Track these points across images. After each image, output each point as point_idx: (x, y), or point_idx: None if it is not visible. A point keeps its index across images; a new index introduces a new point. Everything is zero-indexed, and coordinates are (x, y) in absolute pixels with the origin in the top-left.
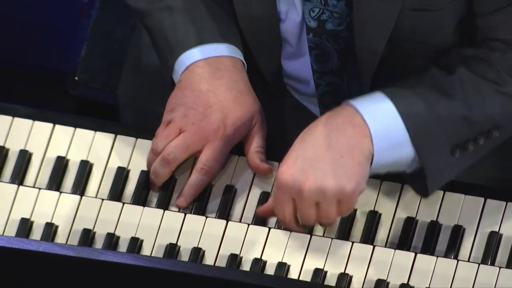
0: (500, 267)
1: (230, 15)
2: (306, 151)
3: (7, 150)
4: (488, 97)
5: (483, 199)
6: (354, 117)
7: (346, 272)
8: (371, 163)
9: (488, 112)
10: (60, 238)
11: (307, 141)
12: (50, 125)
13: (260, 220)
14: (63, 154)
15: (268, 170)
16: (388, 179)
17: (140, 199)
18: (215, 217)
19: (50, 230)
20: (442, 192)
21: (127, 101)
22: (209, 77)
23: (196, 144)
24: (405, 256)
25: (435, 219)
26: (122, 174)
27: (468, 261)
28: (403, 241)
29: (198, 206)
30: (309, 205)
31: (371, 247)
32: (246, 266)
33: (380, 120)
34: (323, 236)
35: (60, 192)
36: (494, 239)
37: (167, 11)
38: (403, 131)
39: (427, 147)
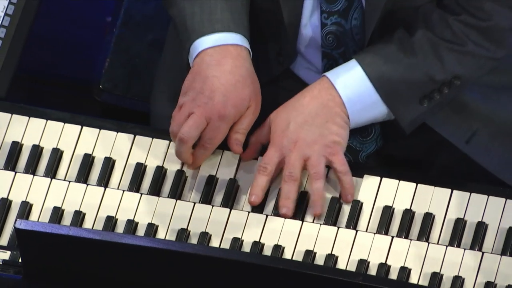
0: (464, 249)
1: (244, 6)
2: (297, 118)
3: (42, 148)
4: (445, 55)
5: (449, 190)
6: (330, 89)
7: (333, 253)
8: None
9: (447, 67)
10: (87, 224)
11: (298, 109)
12: (79, 127)
13: (258, 209)
14: (89, 152)
15: (238, 152)
16: (369, 173)
17: (155, 190)
18: (220, 206)
19: (78, 217)
20: (414, 185)
21: (159, 111)
22: (215, 65)
23: (203, 124)
24: (383, 240)
25: (409, 207)
26: (140, 169)
27: (438, 243)
28: (381, 227)
29: (205, 196)
30: (298, 158)
31: (354, 231)
32: (246, 248)
33: (352, 87)
34: (312, 222)
35: (87, 184)
36: (460, 224)
37: (188, 1)
38: (373, 92)
39: (397, 103)
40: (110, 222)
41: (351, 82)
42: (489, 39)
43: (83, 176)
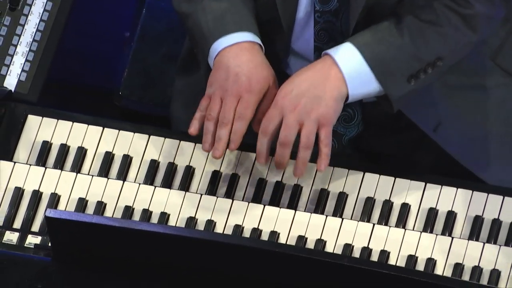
0: (436, 234)
1: (251, 8)
2: (300, 86)
3: (68, 147)
4: (431, 38)
5: (423, 183)
6: (332, 65)
7: (322, 238)
8: (347, 99)
9: (432, 48)
10: (108, 212)
11: (301, 79)
12: (100, 128)
13: (257, 199)
14: (110, 150)
15: (257, 130)
16: (353, 169)
17: (167, 183)
18: (223, 197)
19: (100, 207)
20: (393, 178)
21: (179, 115)
22: (234, 57)
23: (236, 103)
24: (365, 227)
25: (388, 198)
26: (154, 165)
27: (413, 230)
28: (364, 215)
29: (211, 189)
30: (295, 121)
31: (340, 219)
32: (246, 234)
33: (350, 65)
34: (304, 211)
35: (108, 178)
36: (432, 213)
37: (201, 11)
38: (369, 71)
39: (388, 81)
40: (128, 211)
41: (350, 60)
42: (469, 26)
43: (104, 171)
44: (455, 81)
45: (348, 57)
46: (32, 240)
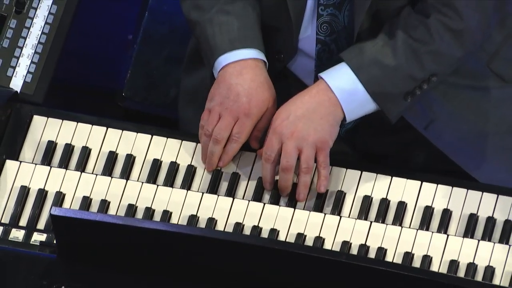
0: (432, 232)
1: (256, 20)
2: (296, 111)
3: (73, 146)
4: (424, 59)
5: (419, 182)
6: (327, 90)
7: (320, 235)
8: (345, 120)
9: (425, 68)
10: (111, 210)
11: (297, 105)
12: (104, 128)
13: (257, 197)
14: (113, 149)
15: (256, 147)
16: (351, 168)
17: (169, 182)
18: (224, 196)
19: (104, 205)
20: (390, 177)
21: (185, 114)
22: (237, 74)
23: (232, 123)
24: (363, 224)
25: (385, 197)
26: (156, 164)
27: (409, 227)
28: (361, 213)
29: (212, 187)
30: (294, 147)
31: (338, 217)
32: (247, 231)
33: (345, 89)
34: (303, 209)
35: (111, 177)
36: (428, 211)
37: (209, 23)
38: (365, 93)
39: (385, 101)
40: (131, 209)
41: (344, 84)
42: (461, 41)
43: (108, 170)
44: (449, 80)
45: (343, 82)
46: (38, 237)
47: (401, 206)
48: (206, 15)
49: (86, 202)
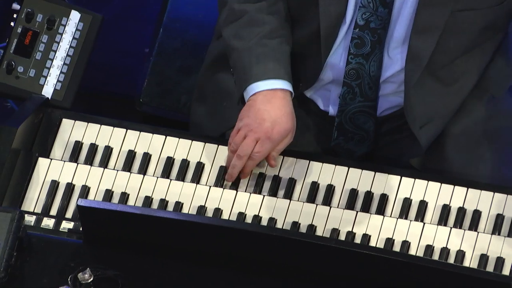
0: (410, 220)
1: (289, 55)
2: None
3: (97, 146)
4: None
5: (399, 176)
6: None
7: (313, 224)
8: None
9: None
10: (130, 202)
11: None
12: (124, 130)
13: (257, 191)
14: (132, 149)
15: (273, 166)
16: (339, 164)
17: (181, 177)
18: (229, 189)
19: (124, 197)
20: (373, 173)
21: (198, 121)
22: (266, 102)
23: (254, 143)
24: (350, 214)
25: (369, 189)
26: (170, 161)
27: (390, 216)
28: (349, 204)
29: (218, 182)
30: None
31: (329, 207)
32: (249, 220)
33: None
34: (298, 201)
35: (130, 173)
36: (406, 202)
37: (247, 51)
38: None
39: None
40: (148, 200)
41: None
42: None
43: (127, 166)
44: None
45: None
46: (66, 225)
47: (383, 198)
48: (246, 44)
49: (108, 194)
